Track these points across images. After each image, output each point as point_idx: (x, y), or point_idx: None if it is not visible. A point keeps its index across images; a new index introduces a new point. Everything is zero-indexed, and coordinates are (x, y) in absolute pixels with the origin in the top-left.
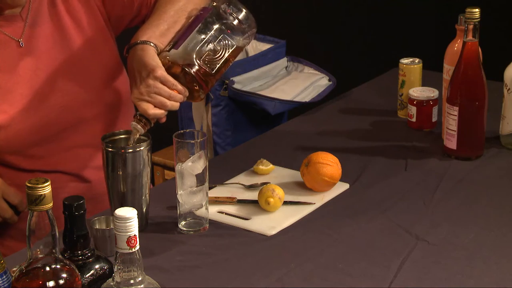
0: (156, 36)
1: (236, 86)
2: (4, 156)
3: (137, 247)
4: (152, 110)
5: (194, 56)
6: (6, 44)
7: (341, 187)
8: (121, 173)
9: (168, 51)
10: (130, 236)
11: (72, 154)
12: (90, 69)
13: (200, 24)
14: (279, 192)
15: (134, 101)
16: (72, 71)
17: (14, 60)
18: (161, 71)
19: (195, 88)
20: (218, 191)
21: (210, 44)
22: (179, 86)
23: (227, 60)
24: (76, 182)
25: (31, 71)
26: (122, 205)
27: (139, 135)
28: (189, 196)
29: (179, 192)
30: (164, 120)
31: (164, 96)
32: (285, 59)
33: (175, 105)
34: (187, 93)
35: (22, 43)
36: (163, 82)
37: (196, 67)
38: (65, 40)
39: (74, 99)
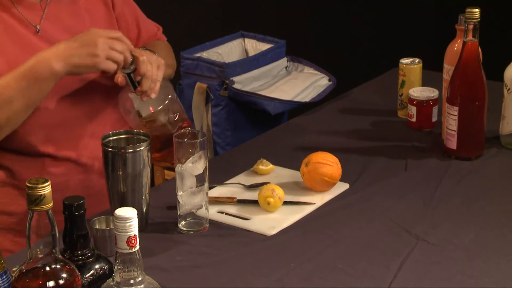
0: None
1: (236, 86)
2: (25, 136)
3: (137, 247)
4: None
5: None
6: (26, 27)
7: (341, 187)
8: (121, 173)
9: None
10: (130, 236)
11: (85, 143)
12: None
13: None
14: (279, 192)
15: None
16: None
17: (32, 42)
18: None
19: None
20: (218, 191)
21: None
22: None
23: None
24: (85, 173)
25: None
26: (122, 205)
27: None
28: (190, 197)
29: (179, 193)
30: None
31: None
32: (285, 59)
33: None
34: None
35: (39, 30)
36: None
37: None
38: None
39: (90, 87)
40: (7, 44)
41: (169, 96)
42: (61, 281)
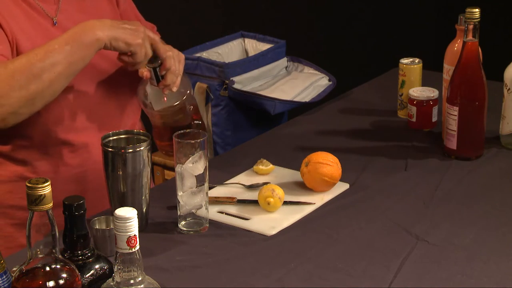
0: None
1: (236, 86)
2: (47, 122)
3: (137, 247)
4: None
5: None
6: (44, 18)
7: (341, 187)
8: (121, 173)
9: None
10: (130, 236)
11: (103, 132)
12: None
13: None
14: (279, 192)
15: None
16: (102, 54)
17: (52, 32)
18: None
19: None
20: (218, 191)
21: None
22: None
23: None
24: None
25: None
26: (122, 205)
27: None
28: (190, 197)
29: (179, 193)
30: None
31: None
32: (285, 59)
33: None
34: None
35: (56, 22)
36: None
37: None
38: None
39: (107, 79)
40: (31, 30)
41: (188, 92)
42: (61, 281)
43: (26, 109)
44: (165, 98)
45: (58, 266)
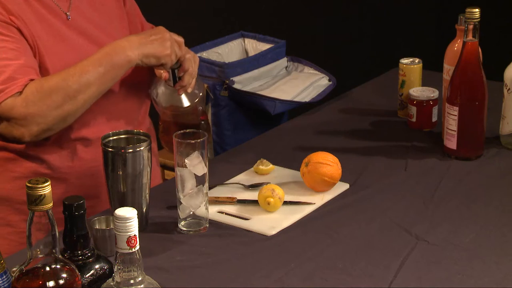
0: None
1: (236, 86)
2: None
3: (137, 247)
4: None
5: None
6: (56, 15)
7: (341, 187)
8: (121, 173)
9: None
10: (130, 236)
11: (115, 126)
12: None
13: None
14: (279, 192)
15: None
16: None
17: (62, 31)
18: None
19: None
20: (218, 191)
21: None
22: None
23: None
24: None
25: (77, 46)
26: (122, 205)
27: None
28: (190, 198)
29: (179, 194)
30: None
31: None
32: (285, 59)
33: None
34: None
35: (69, 17)
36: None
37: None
38: (101, 27)
39: (126, 77)
40: (41, 32)
41: (201, 94)
42: (61, 281)
43: (59, 126)
44: (179, 99)
45: (58, 266)
